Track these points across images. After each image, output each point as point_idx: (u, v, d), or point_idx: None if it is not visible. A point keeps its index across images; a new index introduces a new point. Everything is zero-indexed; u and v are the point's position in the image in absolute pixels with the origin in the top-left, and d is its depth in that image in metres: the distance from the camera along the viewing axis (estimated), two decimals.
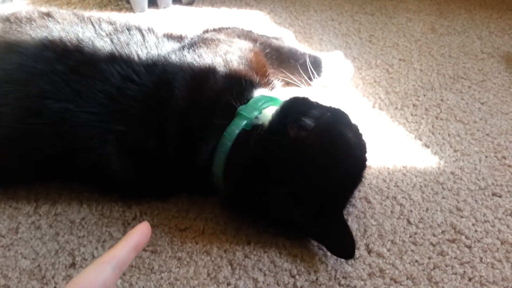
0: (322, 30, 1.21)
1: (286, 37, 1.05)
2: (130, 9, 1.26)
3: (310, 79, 0.94)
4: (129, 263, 0.43)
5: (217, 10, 1.29)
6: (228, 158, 0.64)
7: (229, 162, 0.64)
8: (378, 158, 0.82)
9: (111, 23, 0.77)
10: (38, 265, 0.63)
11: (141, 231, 0.45)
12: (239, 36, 0.88)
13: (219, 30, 0.90)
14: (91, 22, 0.75)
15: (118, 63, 0.68)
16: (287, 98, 0.69)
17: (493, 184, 0.79)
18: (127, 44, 0.71)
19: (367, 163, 0.69)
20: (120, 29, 0.75)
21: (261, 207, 0.65)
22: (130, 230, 0.44)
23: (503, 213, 0.74)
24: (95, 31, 0.73)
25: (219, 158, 0.65)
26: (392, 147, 0.86)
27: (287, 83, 0.94)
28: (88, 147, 0.65)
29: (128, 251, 0.42)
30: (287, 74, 0.92)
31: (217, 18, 1.24)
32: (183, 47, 0.76)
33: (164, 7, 1.28)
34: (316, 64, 0.94)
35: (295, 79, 0.93)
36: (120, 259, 0.41)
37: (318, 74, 0.95)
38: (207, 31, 0.90)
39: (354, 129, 0.68)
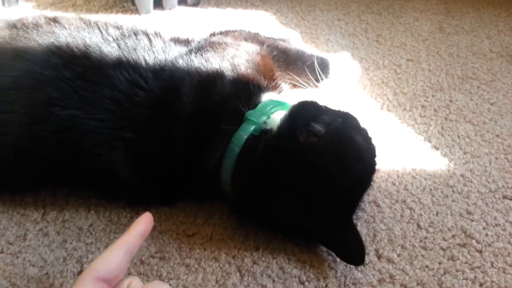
0: (329, 31, 1.20)
1: (293, 39, 1.05)
2: (136, 11, 1.25)
3: (318, 81, 0.93)
4: (137, 249, 0.48)
5: (223, 11, 1.29)
6: (236, 163, 0.64)
7: (237, 168, 0.64)
8: (387, 161, 0.81)
9: (118, 28, 0.76)
10: (46, 273, 0.62)
11: (145, 220, 0.49)
12: (246, 39, 0.88)
13: (226, 33, 0.90)
14: (98, 27, 0.75)
15: (125, 69, 0.68)
16: (296, 103, 0.69)
17: (503, 186, 0.78)
18: (134, 49, 0.71)
19: (376, 167, 0.68)
20: (127, 34, 0.75)
21: (269, 213, 0.64)
22: (135, 220, 0.49)
23: None
24: (102, 36, 0.73)
25: (227, 164, 0.64)
26: (401, 149, 0.85)
27: (294, 86, 0.93)
28: (95, 154, 0.65)
29: (136, 238, 0.47)
30: (294, 76, 0.91)
31: (223, 19, 1.24)
32: (190, 51, 0.76)
33: (170, 9, 1.28)
34: (324, 65, 0.94)
35: (302, 81, 0.92)
36: (130, 245, 0.46)
37: (326, 76, 0.94)
38: (213, 34, 0.89)
39: (363, 133, 0.68)
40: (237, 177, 0.64)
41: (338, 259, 0.65)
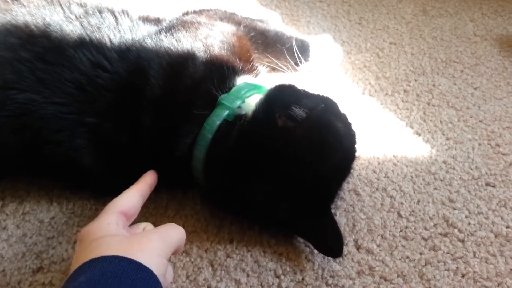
0: (310, 12, 1.16)
1: (272, 20, 1.00)
2: None
3: (297, 64, 0.89)
4: (147, 197, 0.57)
5: None
6: (208, 151, 0.60)
7: (210, 156, 0.60)
8: (368, 147, 0.78)
9: (81, 5, 0.71)
10: (3, 270, 0.58)
11: (152, 174, 0.59)
12: (221, 19, 0.83)
13: (200, 12, 0.85)
14: (60, 4, 0.70)
15: (88, 49, 0.63)
16: (272, 86, 0.65)
17: (486, 173, 0.76)
18: (98, 28, 0.66)
19: (357, 154, 0.65)
20: (91, 12, 0.69)
21: (244, 202, 0.61)
22: (143, 175, 0.59)
23: (497, 204, 0.71)
24: (64, 14, 0.68)
25: (199, 151, 0.60)
26: (383, 135, 0.82)
27: (273, 69, 0.89)
28: (57, 141, 0.60)
29: (148, 186, 0.57)
30: (273, 59, 0.87)
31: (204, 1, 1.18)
32: (160, 31, 0.71)
33: None
34: (304, 48, 0.90)
35: (280, 65, 0.88)
36: (143, 191, 0.56)
37: (306, 59, 0.90)
38: (186, 14, 0.84)
39: (344, 119, 0.65)
40: (210, 165, 0.60)
41: (315, 251, 0.62)
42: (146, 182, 0.57)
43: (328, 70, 0.94)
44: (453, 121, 0.86)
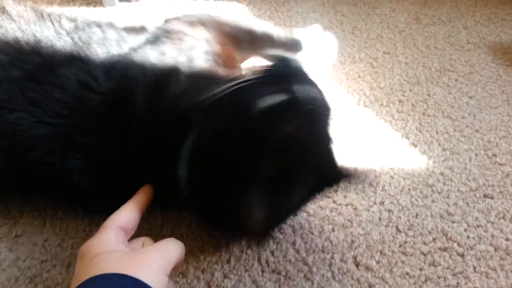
0: (303, 23, 1.15)
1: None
2: (100, 3, 1.18)
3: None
4: (145, 210, 0.56)
5: (194, 1, 1.22)
6: (189, 167, 0.59)
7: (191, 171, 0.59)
8: (364, 160, 0.78)
9: (72, 20, 0.70)
10: None
11: (148, 188, 0.59)
12: (205, 23, 0.81)
13: (184, 18, 0.82)
14: (51, 20, 0.69)
15: (76, 67, 0.62)
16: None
17: (484, 184, 0.76)
18: (88, 44, 0.65)
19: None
20: (81, 27, 0.69)
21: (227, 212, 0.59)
22: (138, 190, 0.58)
23: (496, 216, 0.71)
24: (54, 30, 0.67)
25: (183, 168, 0.59)
26: (379, 147, 0.81)
27: None
28: (48, 162, 0.59)
29: (145, 199, 0.57)
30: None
31: (194, 10, 1.17)
32: (145, 43, 0.70)
33: (137, 0, 1.21)
34: (294, 45, 0.87)
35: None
36: (141, 204, 0.56)
37: (298, 55, 0.88)
38: (169, 20, 0.82)
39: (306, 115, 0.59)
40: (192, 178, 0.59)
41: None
42: (143, 196, 0.57)
43: (326, 61, 0.92)
44: (449, 131, 0.85)
